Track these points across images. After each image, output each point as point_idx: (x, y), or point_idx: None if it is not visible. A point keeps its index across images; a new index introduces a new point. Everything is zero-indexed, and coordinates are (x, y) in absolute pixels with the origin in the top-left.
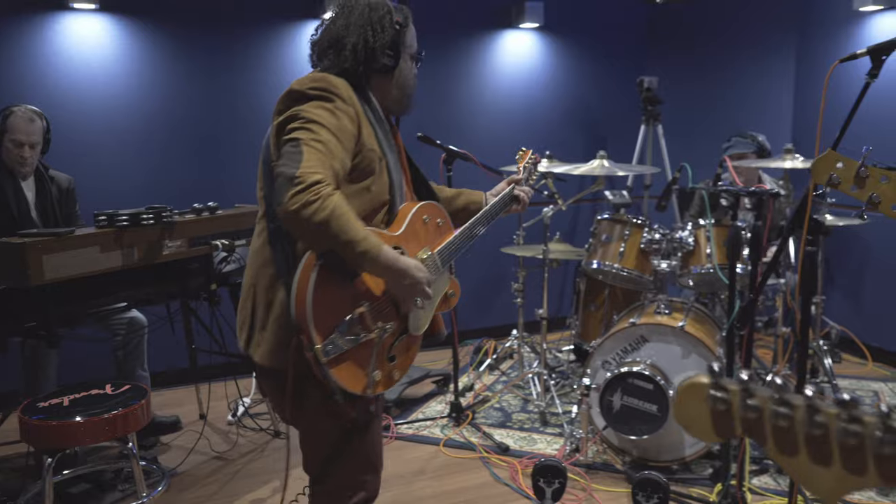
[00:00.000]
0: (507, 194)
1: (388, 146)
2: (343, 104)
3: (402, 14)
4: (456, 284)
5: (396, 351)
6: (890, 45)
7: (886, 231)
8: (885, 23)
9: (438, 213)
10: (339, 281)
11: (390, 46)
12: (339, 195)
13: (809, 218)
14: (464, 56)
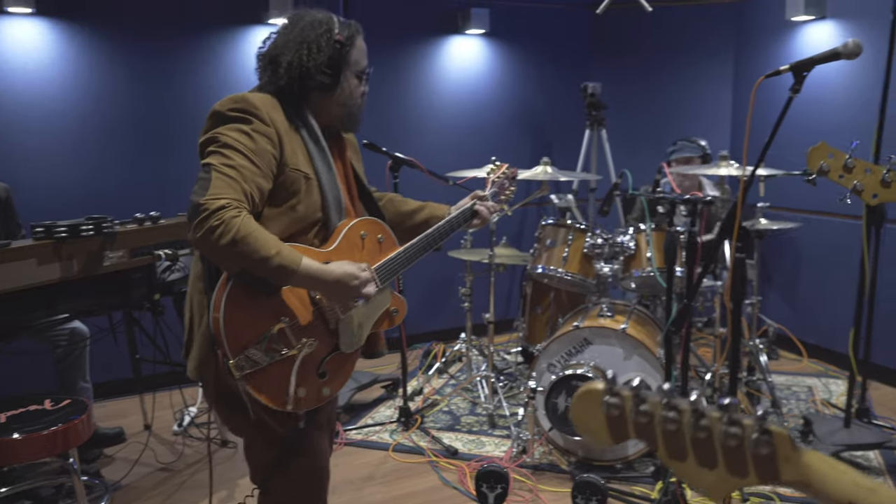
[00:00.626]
0: (467, 209)
1: (323, 164)
2: (262, 125)
3: (348, 31)
4: (401, 301)
5: (328, 367)
6: (809, 63)
7: (817, 233)
8: (816, 32)
9: (379, 229)
10: (255, 296)
11: (328, 65)
12: (245, 216)
13: (739, 225)
14: (410, 62)
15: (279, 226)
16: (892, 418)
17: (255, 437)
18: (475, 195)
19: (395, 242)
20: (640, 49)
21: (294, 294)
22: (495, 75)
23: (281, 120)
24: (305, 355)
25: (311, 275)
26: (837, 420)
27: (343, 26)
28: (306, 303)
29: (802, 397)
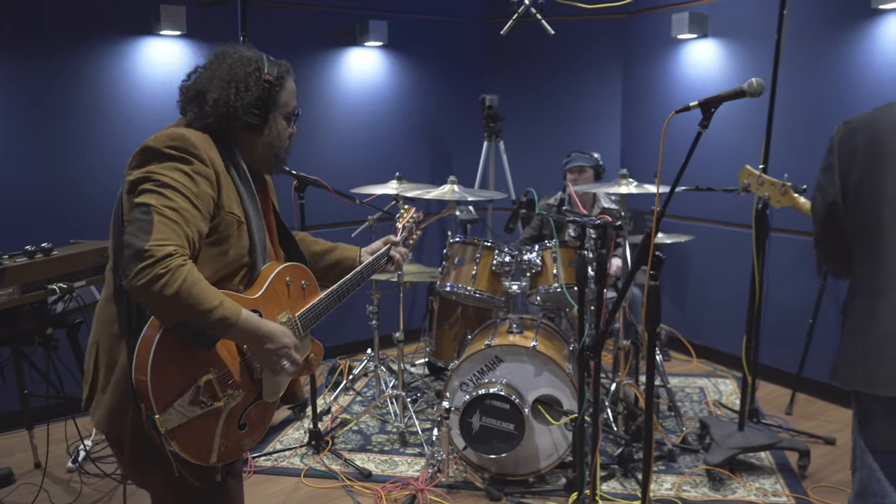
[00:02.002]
0: (383, 254)
1: (252, 206)
2: (202, 166)
3: (278, 71)
4: (318, 347)
5: (248, 418)
6: (717, 100)
7: (705, 240)
8: (699, 49)
9: (303, 274)
10: (184, 346)
11: (255, 105)
12: (190, 265)
13: (653, 255)
14: (309, 75)
15: (207, 270)
16: (779, 416)
17: (163, 496)
18: (388, 240)
19: (317, 288)
20: (534, 61)
21: (222, 344)
22: (395, 88)
23: (217, 160)
24: (231, 407)
25: (249, 329)
26: (732, 423)
27: (273, 66)
28: (234, 353)
29: (696, 398)
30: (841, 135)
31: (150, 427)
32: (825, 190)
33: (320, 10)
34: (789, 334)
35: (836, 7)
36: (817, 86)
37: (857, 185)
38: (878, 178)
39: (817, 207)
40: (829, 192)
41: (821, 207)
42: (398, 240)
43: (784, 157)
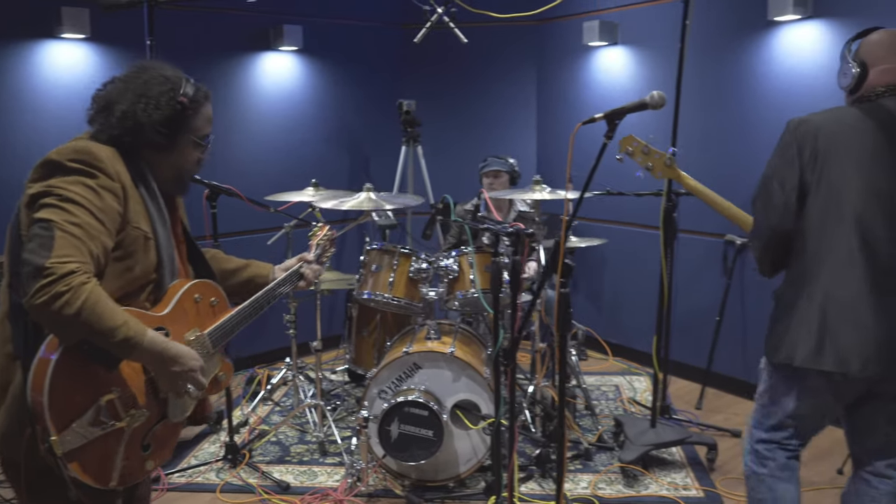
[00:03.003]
0: (294, 272)
1: (160, 222)
2: (107, 180)
3: (194, 95)
4: (228, 366)
5: (152, 439)
6: (621, 112)
7: (618, 241)
8: (609, 56)
9: (212, 292)
10: (84, 365)
11: (164, 124)
12: (93, 283)
13: (563, 262)
14: (222, 80)
15: (113, 286)
16: (690, 411)
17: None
18: (301, 258)
19: (227, 305)
20: (451, 66)
21: (126, 362)
22: (311, 93)
23: (124, 173)
24: (134, 427)
25: (154, 350)
26: (645, 421)
27: (191, 89)
28: (138, 371)
29: (611, 397)
30: (801, 132)
31: (46, 450)
32: (785, 182)
33: (233, 13)
34: (698, 331)
35: (736, 18)
36: (719, 92)
37: (817, 180)
38: (835, 176)
39: (774, 198)
40: (789, 184)
41: (778, 196)
42: (312, 257)
43: (689, 160)
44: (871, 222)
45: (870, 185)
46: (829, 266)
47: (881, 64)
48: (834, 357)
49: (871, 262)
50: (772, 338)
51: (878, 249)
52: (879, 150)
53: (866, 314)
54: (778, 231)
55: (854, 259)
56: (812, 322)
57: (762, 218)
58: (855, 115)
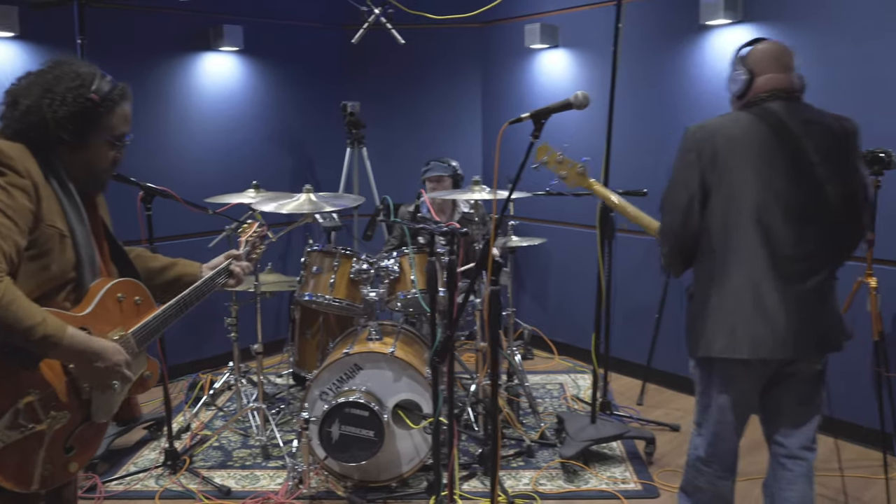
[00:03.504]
0: (223, 269)
1: (77, 220)
2: (17, 177)
3: (109, 93)
4: (154, 364)
5: (76, 441)
6: (546, 112)
7: (561, 241)
8: (551, 58)
9: (136, 290)
10: (2, 367)
11: (71, 121)
12: (7, 282)
13: (492, 260)
14: (160, 80)
15: (29, 286)
16: (631, 407)
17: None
18: (230, 255)
19: (152, 304)
20: (396, 68)
21: (45, 363)
22: (252, 93)
23: (35, 170)
24: (56, 429)
25: (76, 347)
26: (585, 417)
27: (105, 86)
28: (58, 372)
29: (556, 395)
30: (699, 137)
31: None
32: (688, 184)
33: (172, 13)
34: (639, 329)
35: (669, 22)
36: (655, 94)
37: (718, 182)
38: (734, 177)
39: (677, 199)
40: (691, 186)
41: (682, 200)
42: (240, 253)
43: (626, 160)
44: (771, 218)
45: (766, 183)
46: (735, 262)
47: (766, 73)
48: (748, 345)
49: (773, 255)
50: (691, 335)
51: (778, 242)
52: (772, 150)
53: (773, 302)
54: (684, 232)
55: (758, 253)
56: (725, 315)
57: (669, 221)
58: (747, 118)
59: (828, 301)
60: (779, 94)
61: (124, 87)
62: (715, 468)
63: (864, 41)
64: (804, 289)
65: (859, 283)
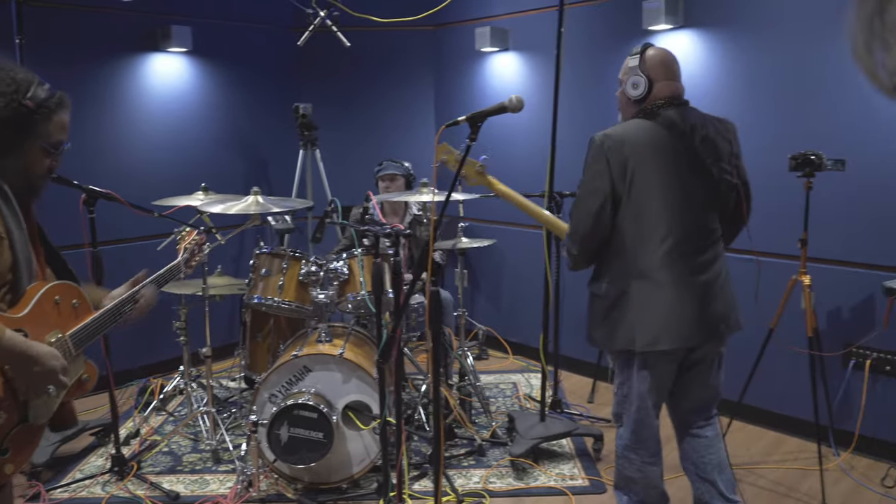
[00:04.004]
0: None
1: (14, 222)
2: None
3: (45, 101)
4: (92, 368)
5: (11, 442)
6: (482, 115)
7: (513, 242)
8: (501, 61)
9: (74, 293)
10: None
11: (6, 127)
12: None
13: (431, 262)
14: (107, 81)
15: None
16: (582, 405)
17: None
18: (136, 281)
19: (90, 307)
20: (348, 70)
21: None
22: (202, 95)
23: None
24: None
25: (13, 349)
26: (535, 415)
27: (42, 93)
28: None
29: (508, 394)
30: (608, 146)
31: None
32: (599, 191)
33: (118, 13)
34: None
35: (614, 27)
36: (601, 96)
37: (628, 186)
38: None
39: (589, 205)
40: (602, 193)
41: (594, 205)
42: (145, 282)
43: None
44: (678, 217)
45: (672, 185)
46: (648, 259)
47: (661, 80)
48: (667, 336)
49: (682, 250)
50: (603, 329)
51: (685, 238)
52: (674, 154)
53: (685, 294)
54: (594, 236)
55: (668, 250)
56: (643, 309)
57: (581, 225)
58: (649, 126)
59: (725, 287)
60: (672, 101)
61: (62, 96)
62: (641, 454)
63: (799, 46)
64: (708, 278)
65: (794, 282)
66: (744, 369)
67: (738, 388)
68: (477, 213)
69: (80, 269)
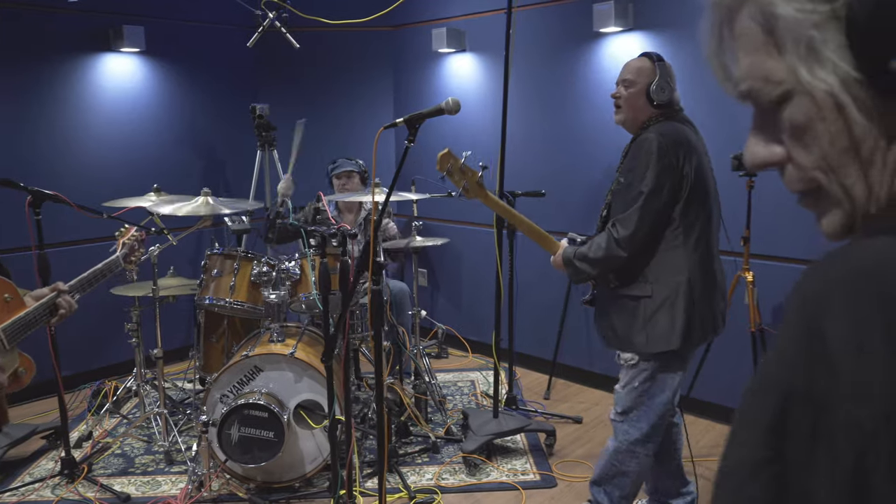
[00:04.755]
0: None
1: None
2: None
3: None
4: (28, 361)
5: None
6: (419, 117)
7: (470, 241)
8: (458, 62)
9: (6, 288)
10: None
11: None
12: None
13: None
14: (56, 82)
15: None
16: (538, 402)
17: None
18: (56, 288)
19: (23, 302)
20: (306, 71)
21: None
22: (156, 96)
23: None
24: None
25: None
26: (488, 412)
27: None
28: None
29: (466, 391)
30: (668, 145)
31: None
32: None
33: (69, 13)
34: (546, 325)
35: (566, 29)
36: (554, 97)
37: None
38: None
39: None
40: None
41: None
42: (66, 288)
43: (523, 163)
44: (716, 215)
45: (710, 184)
46: (696, 258)
47: (675, 87)
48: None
49: (716, 248)
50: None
51: (714, 238)
52: (706, 155)
53: (717, 292)
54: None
55: (710, 248)
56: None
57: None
58: (685, 128)
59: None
60: (681, 108)
61: None
62: (649, 447)
63: None
64: (723, 277)
65: (737, 278)
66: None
67: (686, 383)
68: (431, 213)
69: (28, 271)
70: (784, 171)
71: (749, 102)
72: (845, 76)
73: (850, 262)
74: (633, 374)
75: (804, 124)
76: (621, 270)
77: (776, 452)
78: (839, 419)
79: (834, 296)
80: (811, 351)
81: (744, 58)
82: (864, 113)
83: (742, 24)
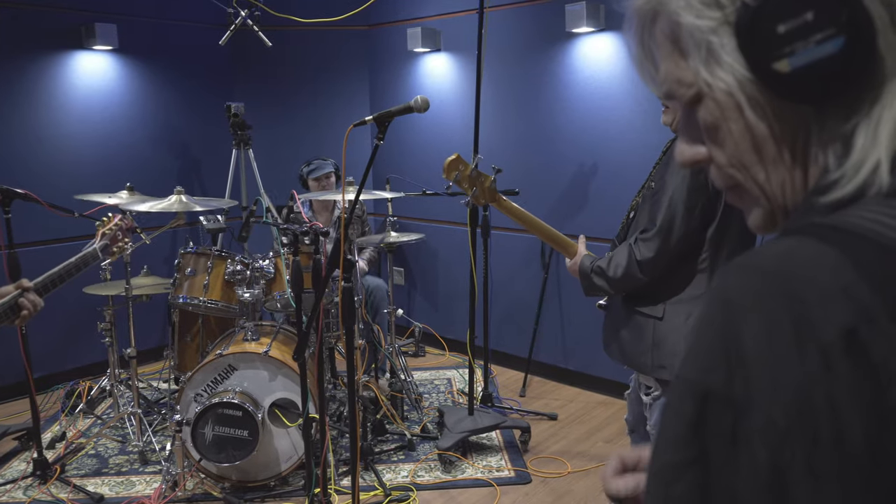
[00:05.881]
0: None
1: None
2: None
3: None
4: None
5: None
6: (388, 115)
7: (446, 239)
8: (433, 61)
9: None
10: None
11: None
12: None
13: (344, 259)
14: (27, 80)
15: None
16: (513, 399)
17: None
18: (20, 285)
19: None
20: (281, 70)
21: None
22: (130, 94)
23: None
24: None
25: None
26: (464, 410)
27: None
28: None
29: (442, 389)
30: None
31: None
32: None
33: (39, 10)
34: (521, 323)
35: (539, 29)
36: (527, 97)
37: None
38: None
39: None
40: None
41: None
42: (30, 285)
43: (498, 160)
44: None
45: None
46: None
47: None
48: None
49: None
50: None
51: None
52: None
53: None
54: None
55: None
56: None
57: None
58: None
59: None
60: None
61: None
62: None
63: None
64: None
65: None
66: None
67: None
68: (407, 212)
69: None
70: (710, 170)
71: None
72: (741, 77)
73: (760, 263)
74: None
75: (713, 124)
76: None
77: (699, 452)
78: (755, 418)
79: (746, 298)
80: (727, 352)
81: (661, 62)
82: (759, 112)
83: (657, 31)
